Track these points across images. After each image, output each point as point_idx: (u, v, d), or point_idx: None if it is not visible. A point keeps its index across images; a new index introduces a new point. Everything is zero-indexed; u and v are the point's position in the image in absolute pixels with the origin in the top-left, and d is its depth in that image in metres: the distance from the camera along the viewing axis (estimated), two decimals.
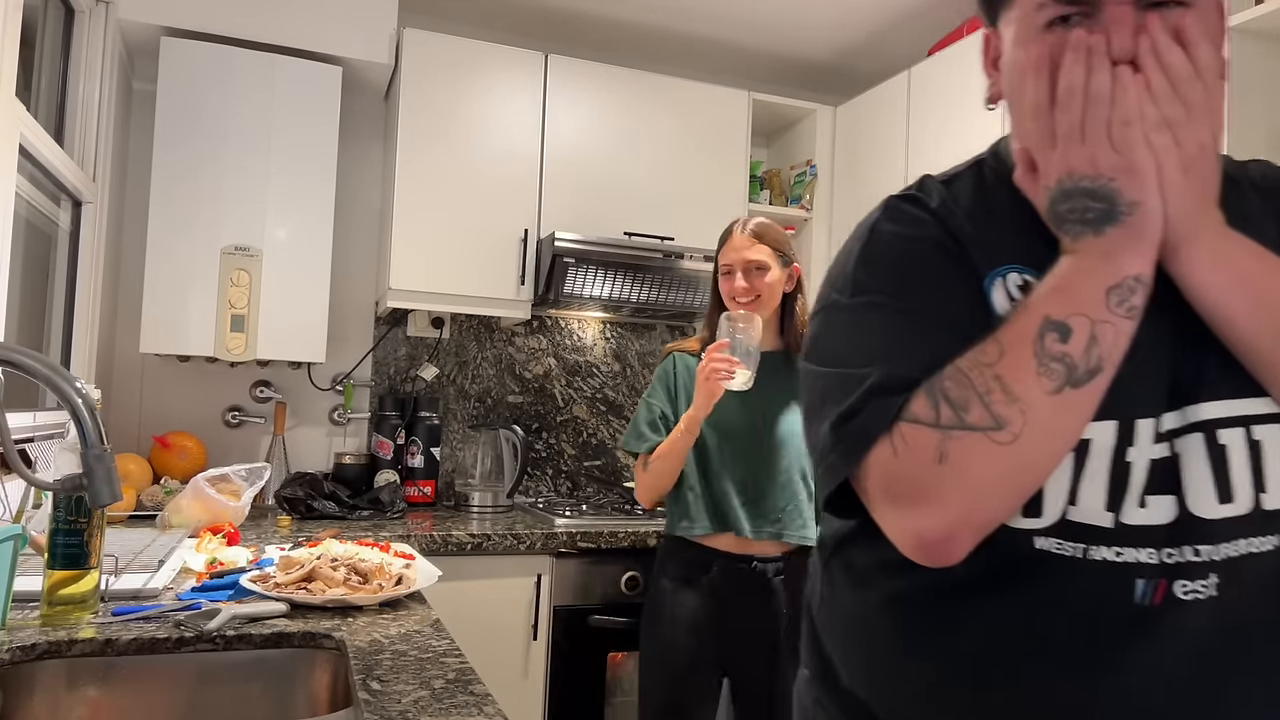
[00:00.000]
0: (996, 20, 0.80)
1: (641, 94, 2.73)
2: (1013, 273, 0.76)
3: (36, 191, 1.94)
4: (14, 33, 1.55)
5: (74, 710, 1.16)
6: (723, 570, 1.84)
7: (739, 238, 1.88)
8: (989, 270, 0.77)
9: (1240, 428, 0.70)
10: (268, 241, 2.34)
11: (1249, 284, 0.69)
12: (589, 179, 2.66)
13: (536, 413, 2.94)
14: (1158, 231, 0.68)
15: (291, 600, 1.34)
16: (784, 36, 2.92)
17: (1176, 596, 0.69)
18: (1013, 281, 0.76)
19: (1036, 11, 0.72)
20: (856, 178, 2.85)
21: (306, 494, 2.35)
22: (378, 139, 2.81)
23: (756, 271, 1.86)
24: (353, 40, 2.44)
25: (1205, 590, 0.69)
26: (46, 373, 0.99)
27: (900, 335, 0.76)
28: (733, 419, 1.87)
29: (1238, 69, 1.71)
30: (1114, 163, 0.67)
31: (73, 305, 2.17)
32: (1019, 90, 0.74)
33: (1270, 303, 0.69)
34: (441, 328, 2.85)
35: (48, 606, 1.24)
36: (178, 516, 1.95)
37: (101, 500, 1.01)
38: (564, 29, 2.89)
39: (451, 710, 0.94)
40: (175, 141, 2.27)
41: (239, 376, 2.63)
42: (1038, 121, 0.72)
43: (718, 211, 2.68)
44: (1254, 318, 0.69)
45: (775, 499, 1.85)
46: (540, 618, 2.21)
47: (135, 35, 2.33)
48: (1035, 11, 0.72)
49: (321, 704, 1.23)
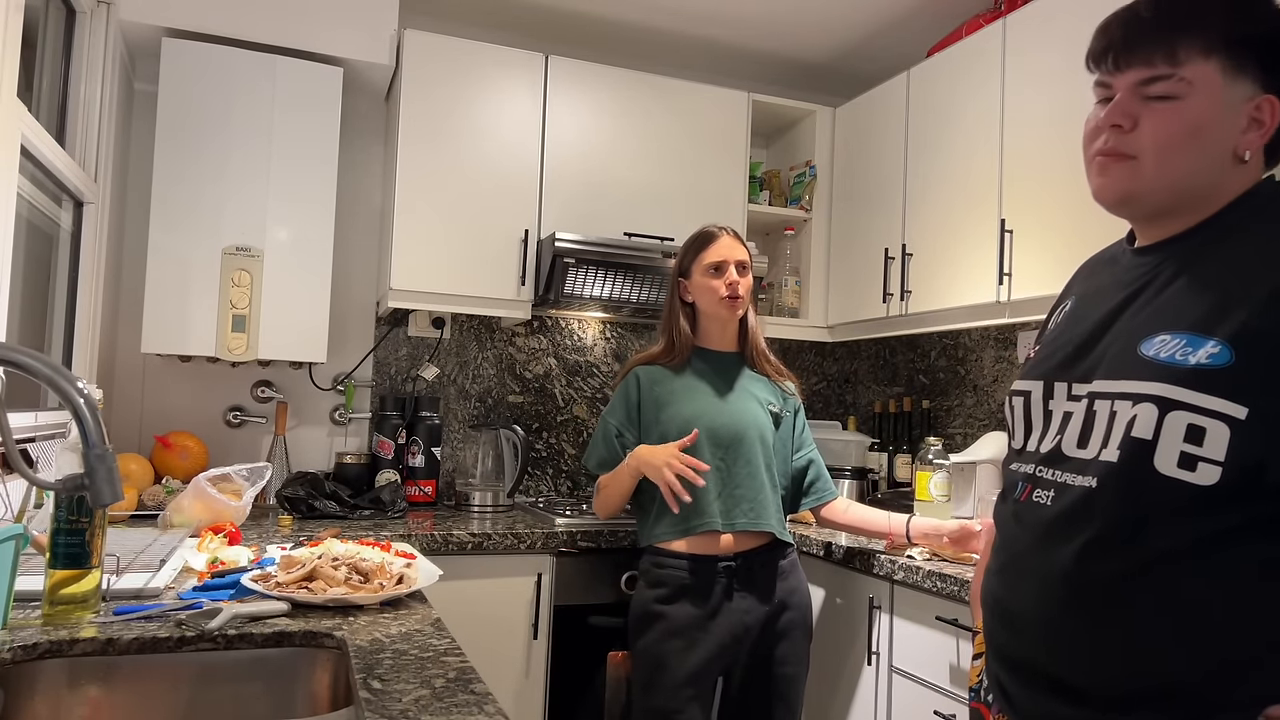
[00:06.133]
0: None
1: (641, 94, 2.73)
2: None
3: (38, 192, 1.94)
4: (15, 33, 1.56)
5: (75, 710, 1.16)
6: (700, 574, 1.86)
7: (727, 238, 1.97)
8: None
9: (1108, 400, 0.93)
10: (269, 242, 2.34)
11: None
12: (589, 179, 2.66)
13: (537, 412, 2.95)
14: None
15: (293, 599, 1.34)
16: (784, 37, 2.92)
17: (1031, 499, 1.00)
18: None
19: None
20: (856, 178, 2.85)
21: (308, 493, 2.36)
22: (378, 139, 2.81)
23: (743, 270, 1.96)
24: (353, 41, 2.44)
25: (1045, 498, 0.98)
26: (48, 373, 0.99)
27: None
28: (697, 417, 1.91)
29: None
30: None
31: (74, 305, 2.17)
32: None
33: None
34: (442, 328, 2.85)
35: (49, 606, 1.24)
36: (179, 516, 1.95)
37: (103, 500, 1.01)
38: (564, 29, 2.90)
39: (452, 709, 0.94)
40: (177, 142, 2.28)
41: (240, 376, 2.64)
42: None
43: (718, 212, 2.68)
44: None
45: (746, 489, 1.90)
46: (541, 617, 2.22)
47: (136, 36, 2.33)
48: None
49: (322, 703, 1.24)
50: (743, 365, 2.02)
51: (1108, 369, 0.95)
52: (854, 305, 2.82)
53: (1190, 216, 0.96)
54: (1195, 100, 0.90)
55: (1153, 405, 0.87)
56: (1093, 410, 0.94)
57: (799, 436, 2.06)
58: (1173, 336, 0.89)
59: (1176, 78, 0.91)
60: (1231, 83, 0.91)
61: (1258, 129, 0.92)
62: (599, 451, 2.01)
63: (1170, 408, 0.86)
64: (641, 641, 1.88)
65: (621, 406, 2.00)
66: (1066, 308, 1.11)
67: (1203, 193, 0.94)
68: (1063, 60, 2.05)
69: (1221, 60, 0.90)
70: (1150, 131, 0.92)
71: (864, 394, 3.31)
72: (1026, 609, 0.98)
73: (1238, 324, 0.85)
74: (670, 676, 1.82)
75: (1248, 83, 0.91)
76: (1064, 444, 0.97)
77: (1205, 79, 0.90)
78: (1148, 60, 0.92)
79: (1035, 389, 1.05)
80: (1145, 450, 0.87)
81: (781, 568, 1.92)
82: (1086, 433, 0.94)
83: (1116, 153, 0.95)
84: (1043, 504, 0.98)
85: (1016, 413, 1.08)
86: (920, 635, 1.87)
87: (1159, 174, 0.93)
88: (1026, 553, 0.99)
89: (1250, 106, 0.91)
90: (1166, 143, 0.91)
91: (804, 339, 3.03)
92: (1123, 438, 0.89)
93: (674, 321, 2.00)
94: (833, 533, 2.25)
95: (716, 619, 1.85)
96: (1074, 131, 2.02)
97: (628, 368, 2.04)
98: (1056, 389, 1.01)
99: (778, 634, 1.89)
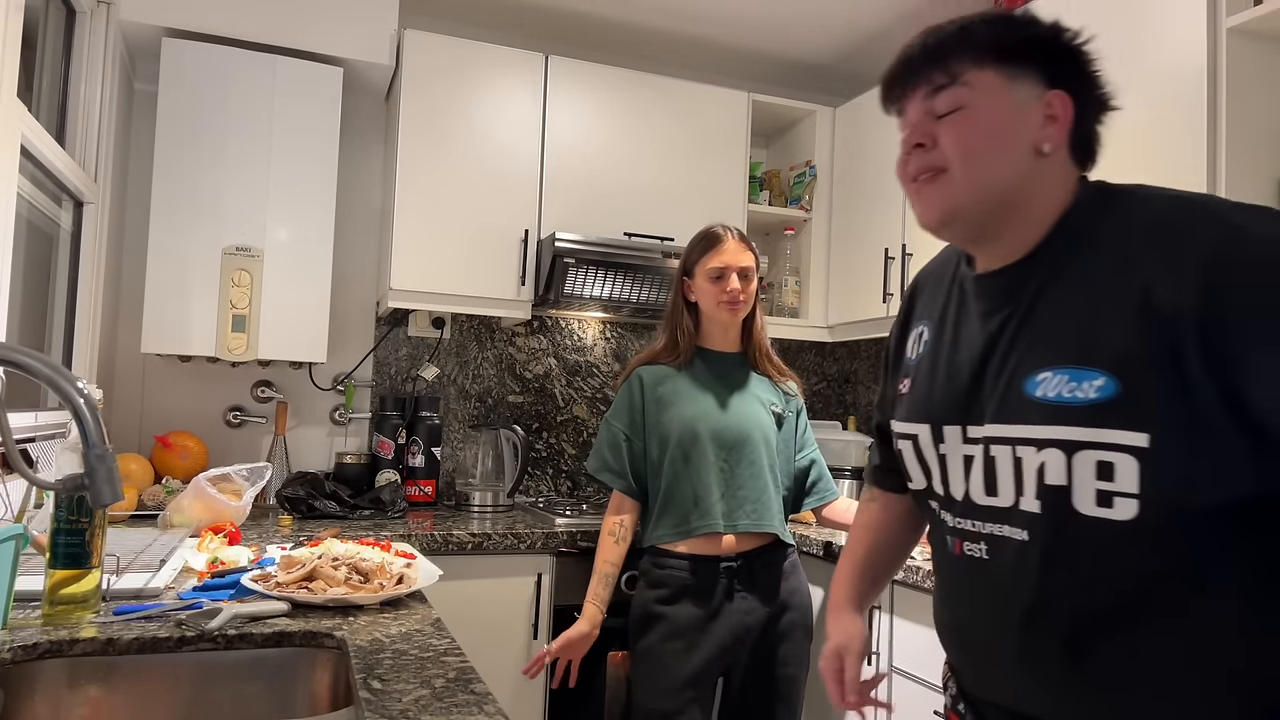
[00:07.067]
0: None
1: (641, 94, 2.73)
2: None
3: (38, 192, 1.94)
4: (15, 33, 1.56)
5: (75, 709, 1.16)
6: (701, 574, 1.86)
7: (732, 243, 1.94)
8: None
9: (1008, 446, 0.92)
10: (269, 242, 2.34)
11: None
12: (589, 179, 2.66)
13: (537, 412, 2.95)
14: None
15: (293, 599, 1.34)
16: (784, 37, 2.92)
17: (965, 554, 0.98)
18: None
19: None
20: (856, 178, 2.85)
21: (308, 493, 2.36)
22: (378, 139, 2.81)
23: (745, 277, 1.93)
24: (353, 41, 2.44)
25: (979, 551, 0.96)
26: (48, 373, 0.99)
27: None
28: (700, 418, 1.91)
29: (1236, 69, 1.71)
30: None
31: (74, 305, 2.17)
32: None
33: None
34: (442, 328, 2.85)
35: (49, 606, 1.24)
36: (179, 516, 1.95)
37: (103, 500, 1.01)
38: (564, 29, 2.90)
39: (452, 709, 0.94)
40: (176, 142, 2.28)
41: (240, 376, 2.64)
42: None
43: (718, 212, 2.68)
44: None
45: (749, 490, 1.89)
46: (540, 617, 2.22)
47: (136, 36, 2.33)
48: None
49: (322, 703, 1.24)
50: (745, 366, 2.01)
51: (997, 412, 0.93)
52: (854, 305, 2.82)
53: (1021, 230, 0.95)
54: (982, 104, 0.93)
55: (1058, 450, 0.87)
56: (991, 456, 0.94)
57: (801, 437, 2.06)
58: (1055, 373, 0.88)
59: (957, 84, 0.94)
60: (1012, 84, 0.93)
61: (1054, 124, 0.93)
62: (603, 457, 1.99)
63: (1075, 449, 0.85)
64: (642, 642, 1.88)
65: (625, 411, 1.98)
66: (924, 336, 1.09)
67: (1019, 194, 0.94)
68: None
69: (995, 68, 0.93)
70: (951, 142, 0.94)
71: (864, 394, 3.31)
72: (990, 663, 0.98)
73: (1114, 351, 0.84)
74: (671, 678, 1.82)
75: (1030, 83, 0.93)
76: (972, 492, 0.97)
77: (985, 82, 0.93)
78: (927, 80, 0.97)
79: (922, 432, 1.03)
80: (1063, 495, 0.87)
81: (783, 568, 1.92)
82: (991, 479, 0.94)
83: (928, 169, 0.96)
84: (978, 558, 0.96)
85: (908, 455, 1.07)
86: (920, 635, 1.87)
87: (970, 179, 0.93)
88: (980, 614, 0.98)
89: (1041, 104, 0.93)
90: (969, 147, 0.93)
91: (804, 339, 3.03)
92: (1038, 487, 0.89)
93: (677, 320, 1.99)
94: (833, 533, 2.25)
95: (717, 620, 1.84)
96: None
97: (629, 369, 2.03)
98: (946, 433, 1.00)
99: (779, 635, 1.89)
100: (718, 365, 1.99)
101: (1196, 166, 1.73)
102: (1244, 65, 1.71)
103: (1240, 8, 1.70)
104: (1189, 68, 1.76)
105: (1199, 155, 1.73)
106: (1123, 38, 1.90)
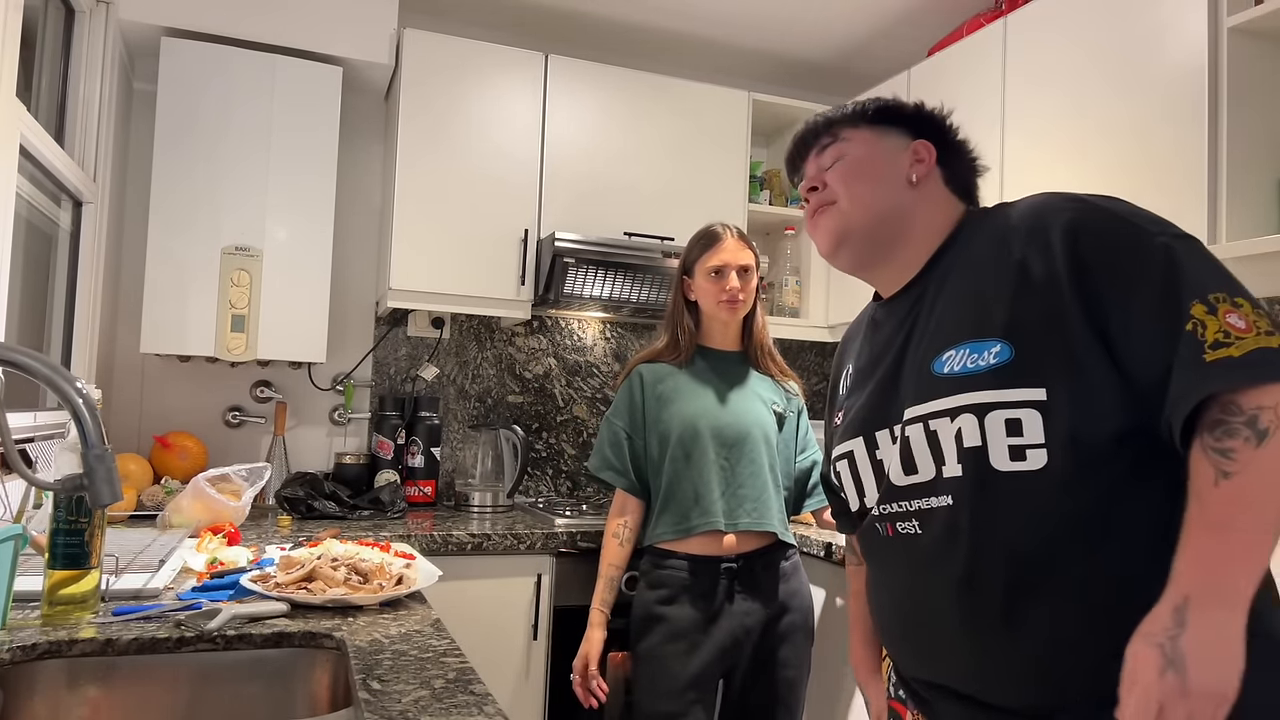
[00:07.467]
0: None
1: (641, 94, 2.73)
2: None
3: (37, 192, 1.94)
4: (14, 33, 1.55)
5: (74, 710, 1.16)
6: (701, 575, 1.85)
7: (731, 241, 1.95)
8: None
9: (919, 424, 1.01)
10: (268, 241, 2.34)
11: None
12: (589, 179, 2.66)
13: (537, 413, 2.95)
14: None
15: (292, 600, 1.34)
16: (784, 36, 2.92)
17: (898, 532, 1.06)
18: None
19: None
20: None
21: (307, 494, 2.36)
22: (378, 139, 2.81)
23: (745, 275, 1.93)
24: (353, 40, 2.44)
25: (911, 528, 1.04)
26: (47, 373, 0.99)
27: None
28: (700, 415, 1.91)
29: (1237, 69, 1.71)
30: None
31: (73, 305, 2.17)
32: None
33: None
34: (442, 328, 2.85)
35: (48, 606, 1.24)
36: (178, 516, 1.95)
37: (102, 500, 1.01)
38: (564, 29, 2.89)
39: (452, 710, 0.94)
40: (176, 141, 2.27)
41: (239, 376, 2.64)
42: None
43: (718, 212, 2.67)
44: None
45: (749, 489, 1.89)
46: (540, 617, 2.22)
47: (135, 35, 2.33)
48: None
49: (322, 704, 1.23)
50: (746, 364, 2.01)
51: (914, 398, 1.03)
52: (854, 305, 2.79)
53: (908, 252, 1.12)
54: (857, 150, 1.14)
55: (970, 415, 0.96)
56: (905, 437, 1.03)
57: (803, 437, 2.05)
58: (957, 350, 0.99)
59: (839, 141, 1.15)
60: (883, 137, 1.14)
61: (921, 163, 1.13)
62: (605, 456, 1.98)
63: (985, 411, 0.95)
64: (643, 644, 1.88)
65: (625, 409, 1.98)
66: (849, 372, 1.23)
67: (900, 219, 1.11)
68: (1063, 60, 2.05)
69: (869, 127, 1.15)
70: (836, 180, 1.13)
71: None
72: (932, 638, 1.03)
73: (1005, 320, 0.96)
74: (673, 680, 1.81)
75: (897, 135, 1.14)
76: (892, 476, 1.06)
77: (860, 135, 1.15)
78: (817, 143, 1.18)
79: (857, 446, 1.12)
80: (982, 456, 0.95)
81: (783, 569, 1.92)
82: (909, 458, 1.03)
83: (821, 204, 1.14)
84: (911, 534, 1.04)
85: (845, 477, 1.16)
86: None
87: (854, 204, 1.11)
88: (918, 588, 1.04)
89: (909, 151, 1.13)
90: (850, 179, 1.12)
91: (804, 339, 3.03)
92: (958, 451, 0.97)
93: (678, 318, 1.99)
94: (833, 533, 2.25)
95: (718, 621, 1.84)
96: (1075, 131, 2.03)
97: (630, 367, 2.02)
98: (878, 437, 1.09)
99: (779, 636, 1.88)
100: (718, 363, 1.99)
101: (1196, 166, 1.73)
102: (1245, 65, 1.71)
103: (1241, 7, 1.70)
104: (1189, 67, 1.76)
105: (1199, 155, 1.73)
106: (1123, 37, 1.90)
